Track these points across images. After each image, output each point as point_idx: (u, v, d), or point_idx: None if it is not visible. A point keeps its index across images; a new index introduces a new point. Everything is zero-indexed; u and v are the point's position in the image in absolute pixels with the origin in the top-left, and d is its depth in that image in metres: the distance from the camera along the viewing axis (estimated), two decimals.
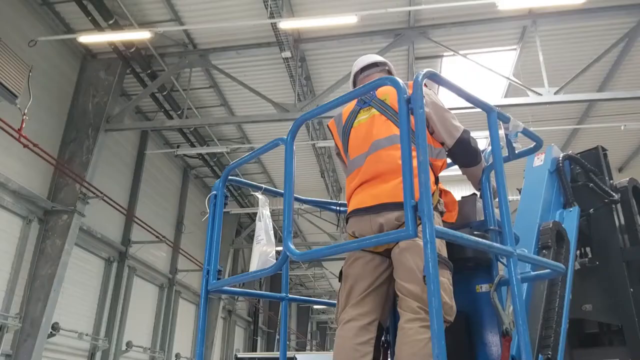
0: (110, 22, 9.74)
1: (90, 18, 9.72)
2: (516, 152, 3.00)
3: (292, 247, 2.41)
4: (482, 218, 2.93)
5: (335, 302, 2.89)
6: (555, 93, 9.82)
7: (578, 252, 3.46)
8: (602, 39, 10.77)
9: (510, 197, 3.14)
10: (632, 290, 3.32)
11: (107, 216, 12.16)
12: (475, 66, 10.63)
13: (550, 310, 2.89)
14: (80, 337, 10.98)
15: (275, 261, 2.81)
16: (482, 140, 12.86)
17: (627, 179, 3.71)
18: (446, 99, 7.50)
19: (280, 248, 2.58)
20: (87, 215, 10.53)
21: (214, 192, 3.29)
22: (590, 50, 10.93)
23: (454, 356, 2.18)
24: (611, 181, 3.71)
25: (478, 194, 3.03)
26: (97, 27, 9.92)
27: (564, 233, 3.18)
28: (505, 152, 2.91)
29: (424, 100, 2.40)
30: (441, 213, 2.77)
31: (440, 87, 2.73)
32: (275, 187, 4.97)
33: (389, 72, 3.31)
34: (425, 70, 2.35)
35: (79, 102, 11.08)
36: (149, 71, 11.42)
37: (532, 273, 2.84)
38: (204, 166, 16.16)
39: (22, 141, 8.79)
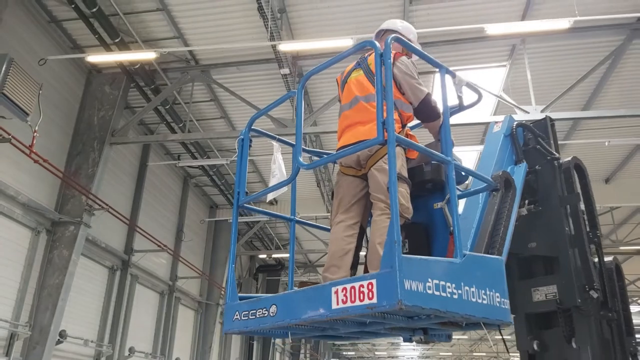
0: (117, 40, 10.14)
1: (97, 36, 10.10)
2: (463, 103, 4.01)
3: (301, 160, 3.28)
4: None
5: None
6: (542, 111, 10.25)
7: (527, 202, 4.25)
8: (589, 57, 11.17)
9: None
10: (567, 228, 4.09)
11: (111, 226, 12.52)
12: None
13: (500, 219, 3.62)
14: (85, 343, 11.35)
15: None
16: (473, 153, 13.36)
17: (571, 157, 4.49)
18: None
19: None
20: (92, 225, 10.88)
21: (241, 136, 4.14)
22: (577, 68, 11.34)
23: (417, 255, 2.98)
24: (559, 160, 4.39)
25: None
26: (104, 45, 10.30)
27: (512, 180, 3.88)
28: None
29: (401, 69, 3.69)
30: (405, 150, 3.69)
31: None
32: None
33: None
34: (393, 35, 3.29)
35: (84, 115, 11.45)
36: (153, 86, 11.81)
37: (472, 189, 3.84)
38: (204, 175, 16.53)
39: (33, 157, 9.14)
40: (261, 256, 23.36)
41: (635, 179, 16.60)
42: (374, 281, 2.62)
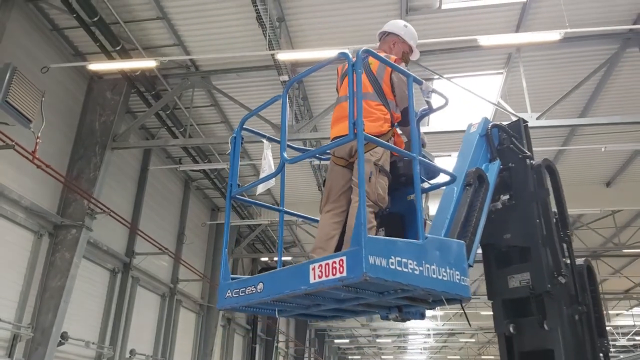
0: (117, 48, 10.34)
1: (98, 44, 10.29)
2: (433, 106, 4.52)
3: (286, 156, 3.66)
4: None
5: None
6: (537, 118, 10.38)
7: (503, 196, 4.65)
8: (585, 65, 11.30)
9: None
10: (537, 220, 4.40)
11: (113, 229, 12.73)
12: (464, 90, 11.16)
13: (472, 211, 4.02)
14: (87, 345, 11.53)
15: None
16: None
17: (542, 159, 4.77)
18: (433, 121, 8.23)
19: None
20: (94, 228, 11.06)
21: (234, 135, 4.60)
22: (573, 76, 11.43)
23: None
24: (532, 161, 4.69)
25: None
26: (105, 52, 10.48)
27: (485, 176, 4.26)
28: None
29: (399, 76, 4.10)
30: None
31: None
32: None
33: (394, 43, 4.60)
34: (363, 48, 3.62)
35: (86, 121, 11.64)
36: (153, 92, 12.01)
37: (439, 182, 4.33)
38: (205, 178, 16.71)
39: (36, 162, 9.34)
40: (263, 259, 23.53)
41: (637, 182, 16.66)
42: (344, 258, 3.02)
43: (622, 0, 9.86)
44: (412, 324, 36.30)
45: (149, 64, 10.32)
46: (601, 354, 4.20)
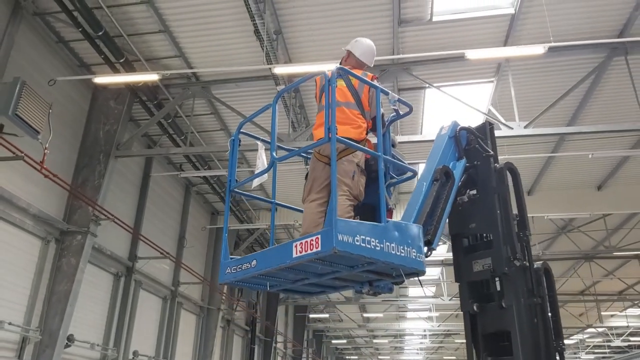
0: (121, 60, 10.72)
1: (102, 56, 10.66)
2: (400, 113, 4.98)
3: (275, 155, 4.33)
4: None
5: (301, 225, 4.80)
6: (525, 127, 10.76)
7: (470, 190, 5.22)
8: (574, 73, 11.64)
9: None
10: (499, 212, 4.91)
11: (116, 235, 13.09)
12: (455, 99, 11.54)
13: (438, 203, 4.59)
14: (92, 347, 11.91)
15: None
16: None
17: (505, 162, 5.29)
18: (426, 130, 8.49)
19: None
20: (98, 234, 11.42)
21: (232, 138, 5.19)
22: (563, 84, 11.77)
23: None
24: (496, 164, 5.20)
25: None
26: (109, 63, 10.85)
27: (451, 172, 4.84)
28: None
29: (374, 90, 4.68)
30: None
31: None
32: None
33: (366, 67, 5.25)
34: (336, 66, 4.30)
35: (91, 130, 12.00)
36: (155, 102, 12.40)
37: (404, 177, 4.98)
38: (205, 184, 17.08)
39: (43, 172, 9.70)
40: None
41: (627, 185, 17.00)
42: (319, 236, 3.66)
43: (608, 11, 10.25)
44: (409, 325, 36.68)
45: (152, 77, 10.68)
46: (557, 354, 4.64)
